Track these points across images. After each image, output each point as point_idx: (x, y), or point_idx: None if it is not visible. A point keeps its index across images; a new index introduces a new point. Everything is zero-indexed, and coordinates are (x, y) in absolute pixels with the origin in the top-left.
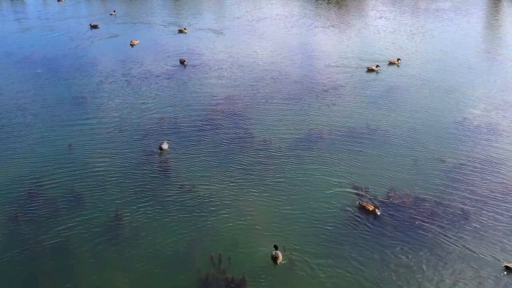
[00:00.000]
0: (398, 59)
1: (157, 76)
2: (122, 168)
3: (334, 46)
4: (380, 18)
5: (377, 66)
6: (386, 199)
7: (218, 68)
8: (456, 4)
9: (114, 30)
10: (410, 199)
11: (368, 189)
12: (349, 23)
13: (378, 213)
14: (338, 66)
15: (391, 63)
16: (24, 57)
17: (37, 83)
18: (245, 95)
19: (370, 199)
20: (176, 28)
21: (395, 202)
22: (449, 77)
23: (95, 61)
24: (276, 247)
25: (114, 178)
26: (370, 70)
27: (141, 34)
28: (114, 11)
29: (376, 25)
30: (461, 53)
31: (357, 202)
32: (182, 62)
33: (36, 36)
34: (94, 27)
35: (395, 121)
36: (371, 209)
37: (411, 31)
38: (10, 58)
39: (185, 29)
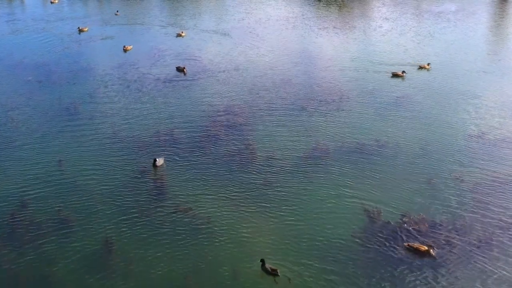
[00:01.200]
0: (428, 64)
1: (153, 84)
2: (113, 187)
3: (342, 49)
4: (387, 19)
5: (403, 72)
6: (399, 225)
7: (218, 76)
8: (462, 6)
9: (107, 33)
10: (425, 225)
11: (381, 212)
12: (354, 25)
13: (433, 254)
14: (349, 71)
15: (421, 68)
16: (15, 63)
17: (27, 91)
18: (246, 105)
19: (384, 224)
20: (174, 31)
21: (409, 228)
22: (466, 82)
23: (87, 68)
24: (263, 261)
25: (105, 199)
26: (395, 76)
27: (136, 37)
28: (118, 11)
29: (384, 28)
30: (475, 57)
31: (405, 245)
32: (181, 70)
33: (28, 40)
34: (81, 30)
35: (407, 134)
36: (424, 249)
37: (421, 33)
38: (0, 64)
39: (183, 32)
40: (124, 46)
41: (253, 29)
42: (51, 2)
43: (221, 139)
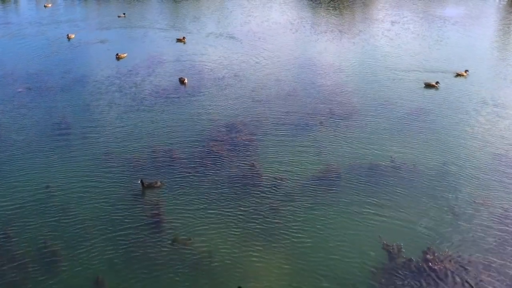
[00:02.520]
0: (466, 71)
1: (150, 97)
2: (105, 215)
3: (354, 55)
4: (395, 23)
5: (436, 82)
6: (423, 263)
7: (220, 87)
8: (470, 11)
9: (101, 39)
10: (452, 263)
11: (401, 248)
12: (361, 29)
13: None
14: (365, 81)
15: (458, 75)
16: (5, 72)
17: (16, 105)
18: (250, 120)
19: (406, 263)
20: (173, 35)
21: (435, 268)
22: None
23: (78, 78)
24: None
25: (95, 229)
26: (428, 86)
27: (133, 43)
28: (124, 14)
29: (393, 32)
30: (492, 63)
31: None
32: (181, 81)
33: (18, 45)
34: (70, 38)
35: (429, 153)
36: None
37: (436, 38)
38: None
39: (184, 38)
40: (117, 54)
41: (255, 34)
42: (45, 6)
43: (224, 159)
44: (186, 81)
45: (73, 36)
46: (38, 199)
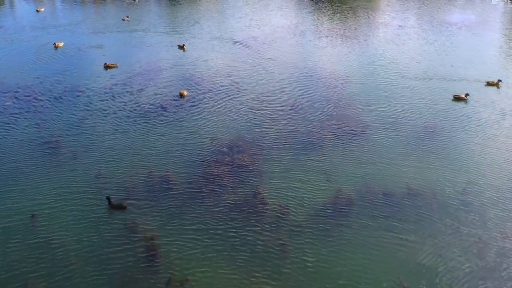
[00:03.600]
0: (499, 80)
1: (147, 113)
2: (95, 249)
3: (366, 63)
4: (402, 27)
5: (466, 95)
6: None
7: (221, 101)
8: (480, 16)
9: (92, 45)
10: None
11: None
12: (368, 33)
13: None
14: (376, 93)
15: (489, 84)
16: None
17: (2, 121)
18: (253, 139)
19: None
20: (172, 41)
21: None
22: None
23: (69, 91)
24: None
25: (84, 266)
26: (457, 99)
27: (129, 50)
28: (128, 17)
29: (403, 37)
30: None
31: None
32: (181, 95)
33: (11, 54)
34: (57, 46)
35: (451, 178)
36: None
37: (449, 44)
38: None
39: (183, 45)
40: (105, 64)
41: (258, 40)
42: (37, 11)
43: (224, 185)
44: (186, 93)
45: (61, 44)
46: (21, 229)
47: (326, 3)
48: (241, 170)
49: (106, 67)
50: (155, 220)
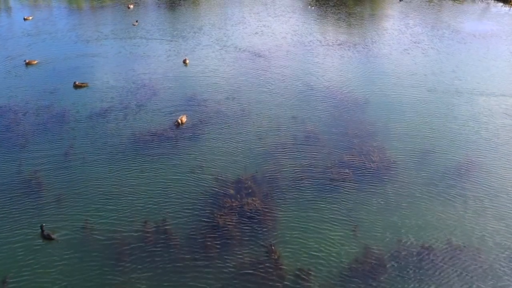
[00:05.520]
0: None
1: (138, 145)
2: None
3: (384, 82)
4: (416, 34)
5: None
6: None
7: (225, 128)
8: (501, 27)
9: (74, 56)
10: None
11: None
12: (383, 41)
13: None
14: (402, 118)
15: None
16: None
17: None
18: (264, 178)
19: None
20: (171, 53)
21: None
22: None
23: (55, 116)
24: None
25: None
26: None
27: (120, 65)
28: (137, 21)
29: (422, 47)
30: None
31: None
32: (180, 122)
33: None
34: (29, 63)
35: (498, 231)
36: None
37: (479, 58)
38: None
39: (187, 60)
40: (75, 82)
41: (264, 54)
42: (25, 19)
43: (232, 240)
44: (184, 120)
45: (34, 62)
46: None
47: (333, 9)
48: (251, 220)
49: (76, 86)
50: (152, 285)
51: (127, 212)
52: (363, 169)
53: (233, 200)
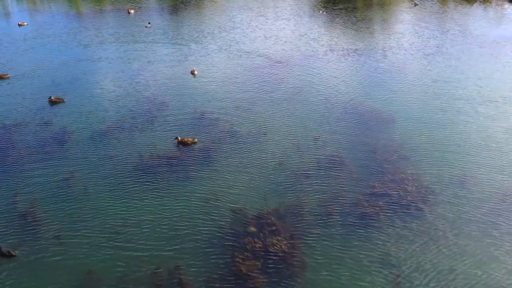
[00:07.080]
0: None
1: (143, 171)
2: None
3: (411, 97)
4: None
5: None
6: None
7: (241, 151)
8: None
9: (60, 65)
10: None
11: None
12: (404, 46)
13: None
14: (435, 138)
15: None
16: None
17: None
18: (288, 213)
19: None
20: (177, 61)
21: None
22: None
23: (51, 139)
24: None
25: None
26: None
27: (121, 75)
28: (149, 23)
29: (441, 55)
30: None
31: None
32: (183, 142)
33: None
34: (2, 77)
35: None
36: None
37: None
38: None
39: (195, 70)
40: (50, 97)
41: (280, 63)
42: (19, 25)
43: (243, 282)
44: (196, 140)
45: (6, 76)
46: None
47: (344, 12)
48: (277, 265)
49: (52, 102)
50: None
51: (130, 255)
52: (397, 201)
53: (255, 240)
